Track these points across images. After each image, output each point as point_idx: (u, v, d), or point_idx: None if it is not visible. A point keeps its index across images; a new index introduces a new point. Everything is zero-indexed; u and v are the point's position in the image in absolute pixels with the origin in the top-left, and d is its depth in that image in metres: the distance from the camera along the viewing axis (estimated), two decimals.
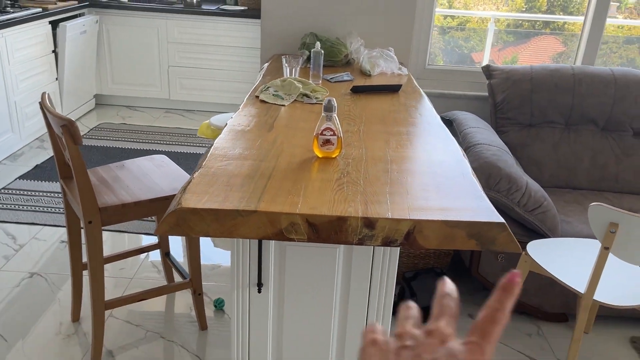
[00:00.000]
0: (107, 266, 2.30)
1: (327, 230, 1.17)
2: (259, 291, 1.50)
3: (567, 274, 1.77)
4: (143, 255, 2.47)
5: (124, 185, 1.76)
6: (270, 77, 2.33)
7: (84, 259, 1.94)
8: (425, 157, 1.52)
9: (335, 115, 1.44)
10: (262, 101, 1.97)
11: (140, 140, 3.89)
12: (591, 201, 2.45)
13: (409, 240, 1.17)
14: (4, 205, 2.83)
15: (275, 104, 1.95)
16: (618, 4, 4.56)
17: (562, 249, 1.95)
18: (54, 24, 3.77)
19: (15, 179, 3.14)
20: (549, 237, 2.08)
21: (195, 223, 1.16)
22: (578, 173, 2.58)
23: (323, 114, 1.44)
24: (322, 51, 2.26)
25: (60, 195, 2.99)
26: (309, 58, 2.50)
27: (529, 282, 2.13)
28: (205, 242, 2.64)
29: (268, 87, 2.05)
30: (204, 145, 3.90)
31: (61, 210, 2.83)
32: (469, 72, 3.05)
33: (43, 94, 1.70)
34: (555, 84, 2.60)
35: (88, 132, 4.00)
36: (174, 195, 1.77)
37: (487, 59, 4.42)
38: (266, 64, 2.66)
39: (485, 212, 1.20)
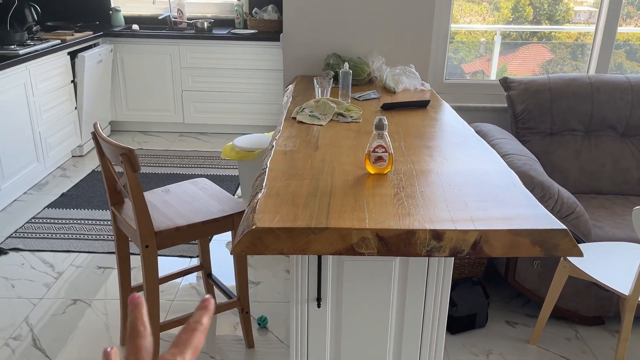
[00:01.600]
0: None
1: (396, 244, 1.22)
2: (319, 306, 1.54)
3: (609, 277, 1.82)
4: (179, 278, 2.51)
5: (174, 209, 1.81)
6: (299, 98, 2.39)
7: (132, 283, 1.98)
8: (471, 169, 1.57)
9: (386, 132, 1.50)
10: (300, 122, 2.03)
11: (160, 165, 3.94)
12: (617, 205, 2.51)
13: (475, 249, 1.22)
14: (38, 235, 2.87)
15: (313, 124, 2.00)
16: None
17: (598, 253, 2.00)
18: (72, 55, 3.84)
19: (44, 208, 3.18)
20: (583, 242, 2.13)
21: (270, 242, 1.21)
22: (602, 178, 2.64)
23: (374, 132, 1.50)
24: (351, 71, 2.33)
25: (90, 222, 3.03)
26: (334, 78, 2.58)
27: (565, 288, 2.17)
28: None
29: (303, 108, 2.12)
30: (223, 166, 3.96)
31: (94, 236, 2.87)
32: (485, 84, 3.13)
33: (95, 124, 1.76)
34: (574, 93, 2.68)
35: None
36: (225, 216, 1.82)
37: (495, 70, 4.51)
38: (291, 85, 2.73)
39: (546, 219, 1.25)
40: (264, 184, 1.44)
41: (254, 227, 1.21)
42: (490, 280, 2.52)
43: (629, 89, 2.67)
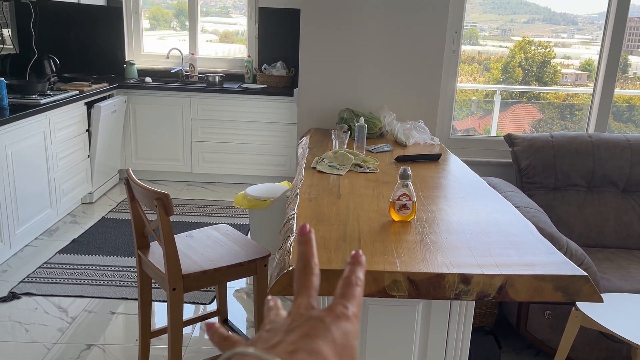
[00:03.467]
0: (153, 339, 2.32)
1: (426, 287, 1.28)
2: None
3: (620, 327, 1.87)
4: (189, 326, 2.52)
5: (199, 253, 1.86)
6: (316, 150, 2.50)
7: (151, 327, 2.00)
8: (490, 218, 1.65)
9: (410, 182, 1.58)
10: (320, 171, 2.12)
11: None
12: (622, 259, 2.58)
13: (501, 294, 1.28)
14: (50, 280, 2.89)
15: (332, 174, 2.09)
16: (588, 73, 4.92)
17: (608, 304, 2.05)
18: (88, 105, 3.97)
19: (55, 254, 3.21)
20: None
21: None
22: (605, 232, 2.72)
23: (399, 181, 1.59)
24: (366, 125, 2.45)
25: (101, 268, 3.06)
26: (348, 130, 2.69)
27: (576, 338, 2.20)
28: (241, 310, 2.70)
29: (322, 159, 2.21)
30: (231, 215, 4.02)
31: (106, 282, 2.89)
32: (490, 140, 3.26)
33: (128, 170, 1.84)
34: (576, 150, 2.80)
35: (116, 206, 4.11)
36: (249, 261, 1.87)
37: (495, 128, 4.68)
38: (305, 137, 2.84)
39: (567, 266, 1.32)
40: (294, 229, 1.51)
41: (290, 268, 1.27)
42: (501, 330, 2.54)
43: (628, 148, 2.80)
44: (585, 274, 1.28)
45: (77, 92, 3.84)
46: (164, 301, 2.68)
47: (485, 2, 4.99)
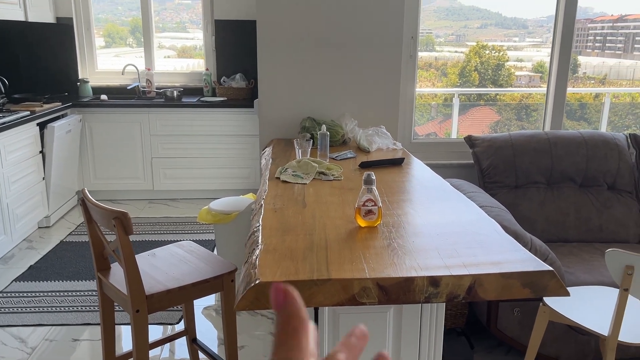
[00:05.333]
0: None
1: (396, 292, 1.27)
2: None
3: (588, 320, 1.90)
4: (158, 348, 2.43)
5: (162, 272, 1.80)
6: (279, 160, 2.47)
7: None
8: (455, 219, 1.66)
9: (374, 187, 1.57)
10: (284, 181, 2.09)
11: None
12: (584, 252, 2.64)
13: (470, 294, 1.28)
14: (7, 309, 2.75)
15: (297, 183, 2.07)
16: (541, 74, 5.09)
17: (574, 297, 2.08)
18: (41, 126, 3.84)
19: (12, 282, 3.06)
20: None
21: None
22: (566, 227, 2.78)
23: (363, 187, 1.57)
24: (328, 133, 2.43)
25: (61, 294, 2.93)
26: (311, 139, 2.68)
27: (545, 334, 2.23)
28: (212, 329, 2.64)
29: (286, 169, 2.18)
30: (195, 232, 3.93)
31: (66, 308, 2.77)
32: (451, 143, 3.30)
33: (83, 190, 1.76)
34: (534, 148, 2.86)
35: (75, 228, 3.97)
36: (216, 277, 1.82)
37: (456, 131, 4.76)
38: (268, 148, 2.81)
39: (533, 262, 1.33)
40: (259, 241, 1.48)
41: (257, 282, 1.23)
42: (473, 330, 2.56)
43: (583, 144, 2.88)
44: (551, 268, 1.29)
45: (28, 112, 3.70)
46: (129, 324, 2.59)
47: (439, 9, 5.09)
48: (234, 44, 4.85)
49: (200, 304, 2.88)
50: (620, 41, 5.32)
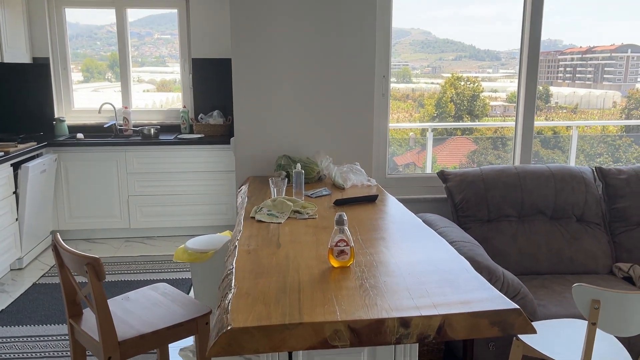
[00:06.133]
0: None
1: (367, 334, 1.28)
2: None
3: (559, 353, 1.93)
4: None
5: (136, 316, 1.79)
6: (254, 198, 2.49)
7: None
8: (426, 257, 1.69)
9: (346, 227, 1.60)
10: (259, 221, 2.11)
11: (108, 272, 3.82)
12: (556, 284, 2.69)
13: (440, 334, 1.30)
14: None
15: (272, 222, 2.09)
16: (515, 104, 5.26)
17: (546, 330, 2.12)
18: (15, 166, 3.80)
19: None
20: (531, 321, 2.25)
21: (246, 341, 1.24)
22: (538, 259, 2.83)
23: (335, 227, 1.60)
24: (303, 171, 2.47)
25: (33, 339, 2.86)
26: (286, 177, 2.71)
27: None
28: None
29: (261, 208, 2.20)
30: (172, 270, 3.89)
31: (38, 354, 2.70)
32: (424, 177, 3.36)
33: (55, 233, 1.76)
34: (504, 182, 2.93)
35: (49, 270, 3.90)
36: (189, 320, 1.81)
37: (430, 163, 4.85)
38: (244, 186, 2.83)
39: (500, 300, 1.36)
40: (232, 284, 1.48)
41: (229, 327, 1.24)
42: None
43: (551, 177, 2.96)
44: (518, 307, 1.32)
45: (2, 153, 3.67)
46: None
47: (415, 42, 5.24)
48: (211, 81, 4.91)
49: (177, 345, 2.83)
50: (590, 72, 5.54)
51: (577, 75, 5.52)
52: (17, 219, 3.84)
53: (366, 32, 3.02)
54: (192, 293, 3.49)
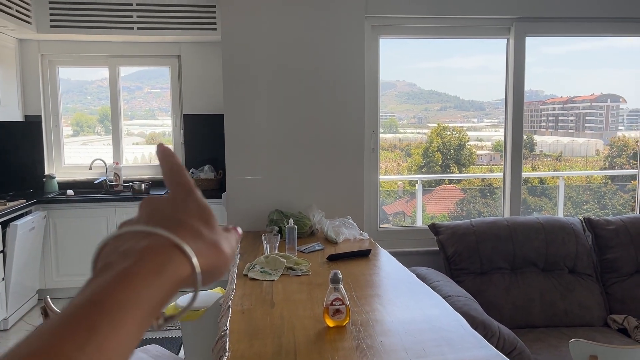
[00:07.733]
0: None
1: None
2: None
3: None
4: None
5: None
6: (247, 255, 2.47)
7: None
8: (422, 315, 1.68)
9: (341, 286, 1.60)
10: (252, 279, 2.09)
11: None
12: (552, 337, 2.66)
13: None
14: None
15: (265, 280, 2.07)
16: (501, 152, 5.37)
17: None
18: (3, 224, 3.76)
19: None
20: None
21: None
22: (533, 312, 2.82)
23: (330, 286, 1.59)
24: (296, 226, 2.48)
25: None
26: (278, 232, 2.71)
27: None
28: None
29: (254, 265, 2.19)
30: (164, 329, 3.80)
31: None
32: (416, 230, 3.38)
33: (46, 299, 1.73)
34: (495, 235, 2.95)
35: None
36: None
37: (421, 215, 4.87)
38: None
39: (497, 359, 1.35)
40: (227, 347, 1.46)
41: None
42: None
43: (542, 229, 2.99)
44: None
45: None
46: None
47: (400, 93, 5.37)
48: (203, 134, 4.96)
49: None
50: (572, 120, 5.69)
51: (559, 124, 5.67)
52: (3, 279, 3.76)
53: (355, 88, 3.11)
54: (182, 353, 3.40)
